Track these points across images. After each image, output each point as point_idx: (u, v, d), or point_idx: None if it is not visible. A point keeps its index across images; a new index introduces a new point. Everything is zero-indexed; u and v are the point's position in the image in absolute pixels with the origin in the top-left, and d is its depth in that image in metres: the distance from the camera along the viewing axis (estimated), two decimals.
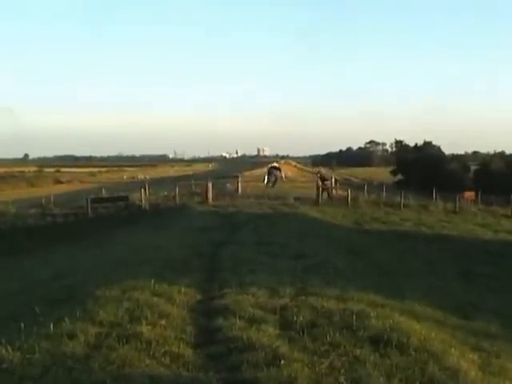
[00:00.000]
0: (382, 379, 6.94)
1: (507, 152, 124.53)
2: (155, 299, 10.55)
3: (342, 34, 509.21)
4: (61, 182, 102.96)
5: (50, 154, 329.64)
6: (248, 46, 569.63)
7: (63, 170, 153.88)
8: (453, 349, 8.35)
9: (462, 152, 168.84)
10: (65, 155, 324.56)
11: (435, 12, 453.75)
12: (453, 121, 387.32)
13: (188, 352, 7.88)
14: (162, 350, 7.76)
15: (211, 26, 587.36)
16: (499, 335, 10.50)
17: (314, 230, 24.38)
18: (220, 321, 9.25)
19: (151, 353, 7.67)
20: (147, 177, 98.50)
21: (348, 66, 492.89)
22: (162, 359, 7.53)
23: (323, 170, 46.82)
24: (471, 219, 35.67)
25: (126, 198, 37.68)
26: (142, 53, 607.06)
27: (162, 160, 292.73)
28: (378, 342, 8.16)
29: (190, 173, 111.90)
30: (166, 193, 41.82)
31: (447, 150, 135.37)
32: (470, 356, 8.41)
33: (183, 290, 11.53)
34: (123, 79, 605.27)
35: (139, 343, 7.95)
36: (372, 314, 9.41)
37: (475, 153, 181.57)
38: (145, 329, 8.55)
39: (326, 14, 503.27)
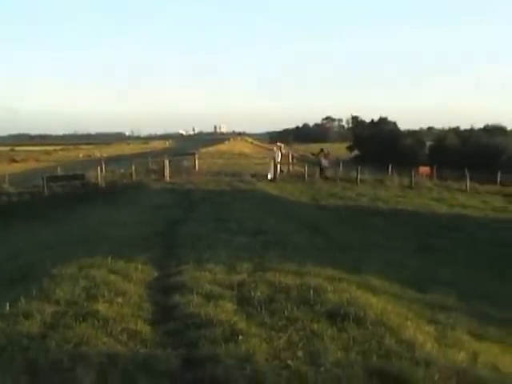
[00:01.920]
0: (339, 353, 6.97)
1: (462, 128, 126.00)
2: (112, 277, 10.53)
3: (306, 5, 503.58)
4: (16, 161, 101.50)
5: (3, 133, 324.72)
6: (209, 22, 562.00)
7: (18, 148, 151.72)
8: (409, 322, 8.44)
9: (417, 128, 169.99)
10: (19, 134, 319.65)
11: None
12: (408, 96, 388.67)
13: (145, 329, 7.87)
14: (120, 328, 7.74)
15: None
16: (455, 307, 10.59)
17: (271, 206, 24.47)
18: (177, 297, 9.26)
19: (108, 330, 7.64)
20: (103, 155, 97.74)
21: (305, 42, 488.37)
22: (120, 337, 7.50)
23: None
24: (427, 194, 36.00)
25: (82, 177, 37.30)
26: (97, 27, 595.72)
27: (119, 138, 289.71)
28: (335, 316, 8.21)
29: (147, 150, 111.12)
30: (122, 170, 41.56)
31: (403, 126, 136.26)
32: (426, 328, 8.49)
33: (140, 267, 11.53)
34: (78, 57, 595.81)
35: (96, 321, 7.91)
36: (329, 289, 9.48)
37: (430, 128, 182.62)
38: (102, 306, 8.52)
39: None
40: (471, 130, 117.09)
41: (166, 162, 37.67)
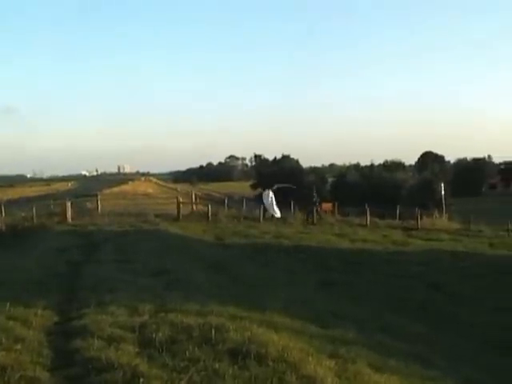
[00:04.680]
0: None
1: (362, 164, 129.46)
2: (10, 323, 10.27)
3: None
4: None
5: None
6: (109, 60, 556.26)
7: None
8: (310, 357, 8.52)
9: (319, 165, 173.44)
10: None
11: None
12: (310, 134, 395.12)
13: (44, 376, 7.72)
14: (17, 375, 7.56)
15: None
16: (356, 341, 10.77)
17: (175, 246, 24.40)
18: (78, 342, 9.10)
19: (6, 379, 7.45)
20: (4, 198, 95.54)
21: (205, 82, 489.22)
22: None
23: None
24: (329, 230, 36.53)
25: None
26: None
27: (20, 180, 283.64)
28: (236, 354, 8.24)
29: (49, 192, 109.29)
30: (23, 214, 40.66)
31: (305, 163, 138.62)
32: (327, 363, 8.58)
33: (40, 312, 11.29)
34: None
35: None
36: (231, 327, 9.50)
37: (332, 165, 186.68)
38: None
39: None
40: (371, 166, 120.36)
41: (68, 204, 37.17)
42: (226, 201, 48.90)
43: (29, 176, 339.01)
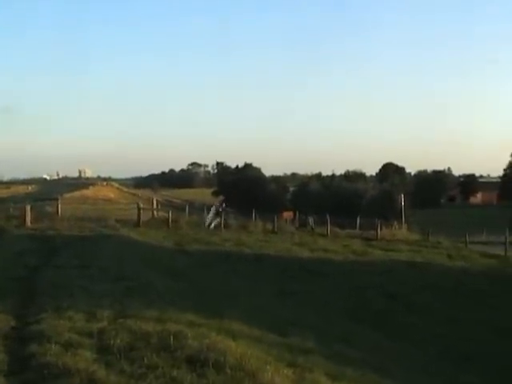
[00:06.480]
0: None
1: (324, 173, 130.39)
2: None
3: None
4: None
5: None
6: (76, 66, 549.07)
7: None
8: (268, 365, 8.53)
9: (281, 174, 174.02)
10: None
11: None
12: (273, 143, 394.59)
13: (0, 380, 7.64)
14: None
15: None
16: (314, 350, 10.82)
17: (134, 252, 24.25)
18: (34, 347, 9.00)
19: None
20: None
21: (168, 88, 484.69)
22: None
23: None
24: (289, 239, 36.63)
25: None
26: None
27: None
28: (195, 362, 8.23)
29: (9, 195, 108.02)
30: None
31: (267, 172, 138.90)
32: (285, 372, 8.61)
33: None
34: None
35: None
36: (189, 335, 9.49)
37: (294, 174, 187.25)
38: None
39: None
40: (333, 176, 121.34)
41: (28, 208, 36.70)
42: (187, 208, 48.79)
43: None
